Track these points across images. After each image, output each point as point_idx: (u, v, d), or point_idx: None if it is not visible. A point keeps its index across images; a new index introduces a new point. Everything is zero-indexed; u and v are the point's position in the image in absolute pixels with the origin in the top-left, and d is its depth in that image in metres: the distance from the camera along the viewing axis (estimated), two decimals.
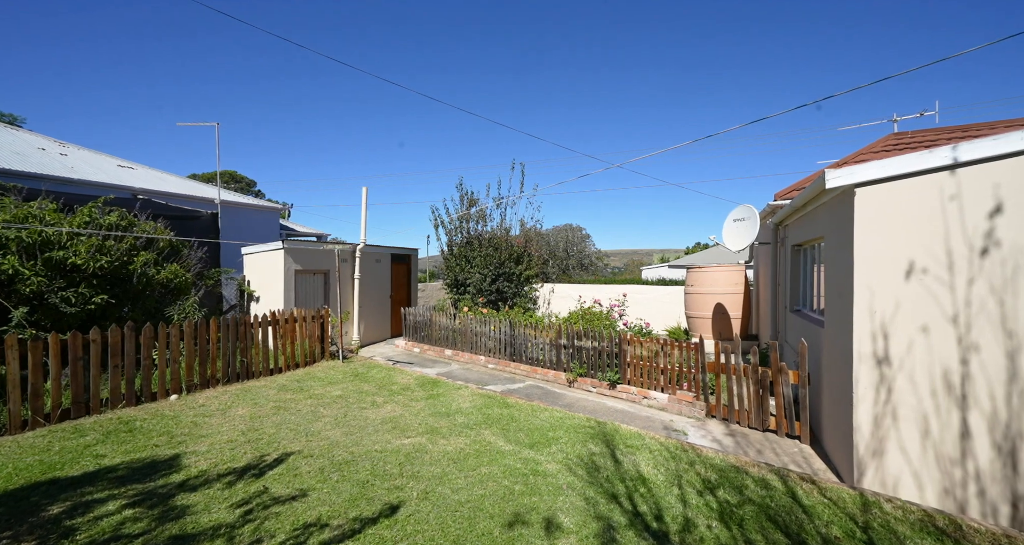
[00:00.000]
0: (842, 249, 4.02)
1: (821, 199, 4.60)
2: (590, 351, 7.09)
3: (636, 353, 6.57)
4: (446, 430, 4.37)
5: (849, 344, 3.78)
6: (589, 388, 6.99)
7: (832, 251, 4.39)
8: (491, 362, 8.57)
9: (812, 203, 5.00)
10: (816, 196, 4.58)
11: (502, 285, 11.95)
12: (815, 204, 4.91)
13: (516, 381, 7.48)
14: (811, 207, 5.11)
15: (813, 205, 5.01)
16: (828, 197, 4.36)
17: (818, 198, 4.67)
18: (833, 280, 4.35)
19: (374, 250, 11.52)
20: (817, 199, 4.72)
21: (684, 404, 5.93)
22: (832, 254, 4.40)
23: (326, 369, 6.95)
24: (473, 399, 5.54)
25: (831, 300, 4.42)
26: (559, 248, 19.60)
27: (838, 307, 4.14)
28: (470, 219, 12.61)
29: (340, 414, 4.82)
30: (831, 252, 4.44)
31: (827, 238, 4.58)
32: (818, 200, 4.71)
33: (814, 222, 5.17)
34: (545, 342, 7.79)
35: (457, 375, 7.78)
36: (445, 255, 12.70)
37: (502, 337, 8.53)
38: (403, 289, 12.93)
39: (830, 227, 4.45)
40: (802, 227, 5.87)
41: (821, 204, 4.71)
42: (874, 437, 3.63)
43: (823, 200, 4.56)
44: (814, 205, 4.97)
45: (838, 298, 4.14)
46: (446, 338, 9.68)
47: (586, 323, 8.18)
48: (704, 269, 10.75)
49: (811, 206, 5.10)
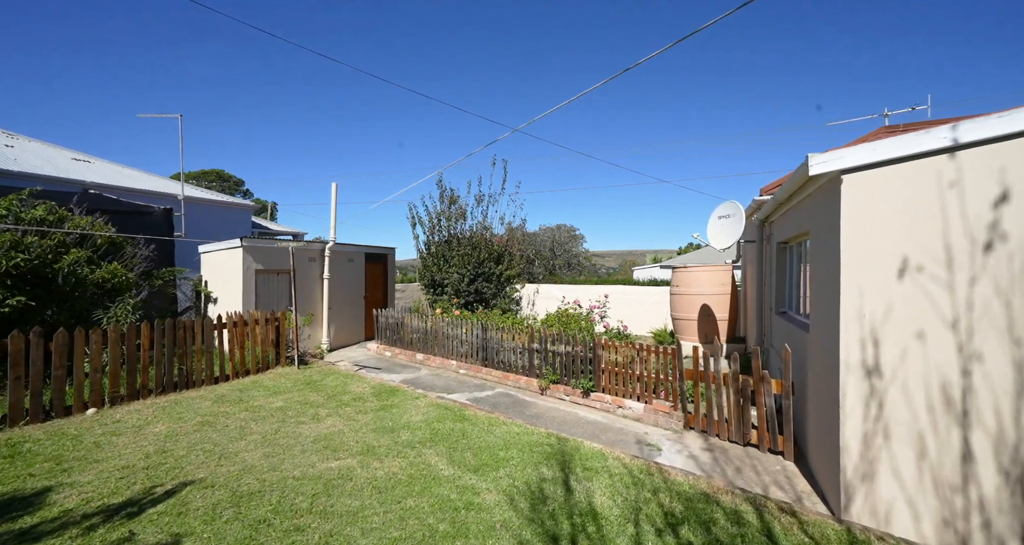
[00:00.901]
0: (828, 245, 3.58)
1: (806, 190, 4.16)
2: (563, 356, 6.62)
3: (611, 359, 6.11)
4: (384, 450, 3.87)
5: (835, 351, 3.33)
6: (562, 396, 6.52)
7: (818, 247, 3.95)
8: (463, 367, 8.09)
9: (797, 195, 4.56)
10: (800, 186, 4.14)
11: (481, 286, 11.46)
12: (800, 196, 4.47)
13: (485, 388, 7.00)
14: (796, 200, 4.67)
15: (798, 197, 4.57)
16: (813, 187, 3.92)
17: (803, 189, 4.23)
18: (819, 280, 3.90)
19: (346, 249, 10.99)
20: (802, 190, 4.28)
21: (661, 414, 5.47)
22: (818, 251, 3.96)
23: (278, 377, 6.44)
24: (428, 411, 5.05)
25: (817, 302, 3.97)
26: (545, 247, 19.13)
27: (824, 310, 3.70)
28: (450, 217, 12.11)
29: (271, 430, 4.30)
30: (816, 249, 4.00)
31: (812, 233, 4.14)
32: (803, 191, 4.27)
33: (799, 216, 4.73)
34: (517, 346, 7.32)
35: (423, 382, 7.28)
36: (422, 254, 12.18)
37: (474, 341, 8.04)
38: (379, 290, 12.41)
39: (815, 221, 4.01)
40: (787, 223, 5.44)
41: (806, 196, 4.27)
42: (864, 459, 3.18)
43: (808, 191, 4.12)
44: (799, 197, 4.53)
45: (824, 300, 3.70)
46: (418, 341, 9.18)
47: (561, 326, 7.72)
48: (689, 269, 10.33)
49: (796, 199, 4.66)
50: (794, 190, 4.33)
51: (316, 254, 9.90)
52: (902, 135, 3.09)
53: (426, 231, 12.26)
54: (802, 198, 4.42)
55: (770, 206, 5.67)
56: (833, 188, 3.42)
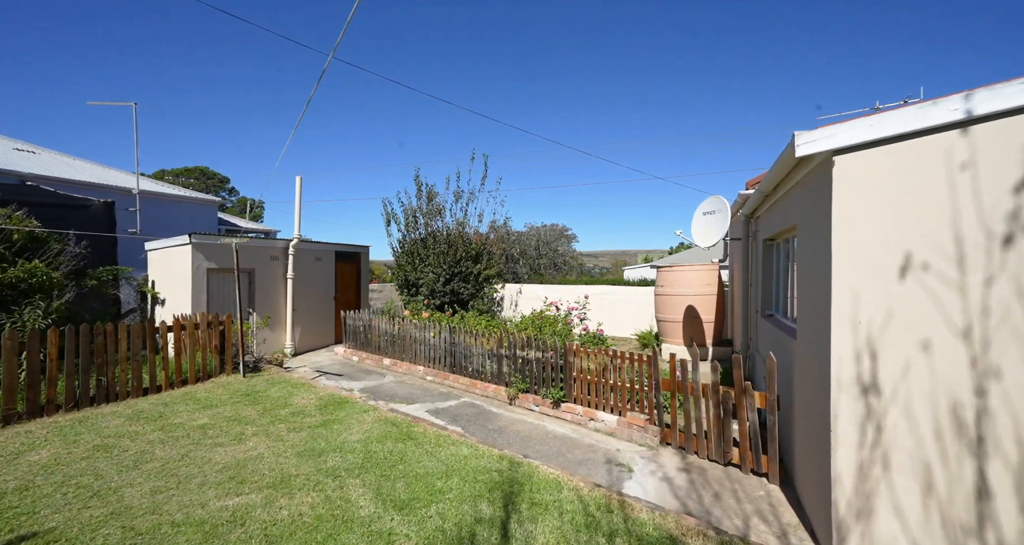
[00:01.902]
0: (817, 240, 3.08)
1: (793, 177, 3.66)
2: (534, 363, 6.10)
3: (583, 366, 5.59)
4: (302, 481, 3.30)
5: (826, 364, 2.83)
6: (531, 406, 6.00)
7: (806, 243, 3.46)
8: (430, 373, 7.54)
9: (783, 184, 4.06)
10: (787, 172, 3.64)
11: (457, 286, 10.90)
12: (786, 186, 3.98)
13: (450, 397, 6.46)
14: (782, 190, 4.18)
15: (785, 187, 4.07)
16: (801, 174, 3.42)
17: (790, 177, 3.74)
18: (806, 280, 3.41)
19: (313, 247, 10.40)
20: (789, 178, 3.78)
21: (635, 429, 4.96)
22: (806, 247, 3.46)
23: (217, 387, 5.84)
24: (372, 428, 4.49)
25: (804, 306, 3.48)
26: (530, 246, 18.60)
27: (812, 315, 3.20)
28: (426, 213, 11.54)
29: (176, 456, 3.70)
30: (804, 245, 3.50)
31: (800, 228, 3.64)
32: (790, 179, 3.77)
33: (785, 210, 4.24)
34: (486, 352, 6.79)
35: (383, 390, 6.73)
36: (396, 253, 11.60)
37: (442, 345, 7.50)
38: (351, 290, 11.82)
39: (803, 213, 3.51)
40: (773, 217, 4.95)
41: (793, 185, 3.78)
42: (859, 493, 2.68)
43: (795, 179, 3.62)
44: (785, 187, 4.03)
45: (812, 303, 3.20)
46: (386, 346, 8.62)
47: (535, 329, 7.20)
48: (674, 268, 9.86)
49: (782, 189, 4.17)
50: (780, 177, 3.83)
51: (279, 252, 9.30)
52: (903, 108, 2.59)
53: (401, 228, 11.68)
54: (789, 188, 3.93)
55: (755, 199, 5.19)
56: (823, 173, 2.92)
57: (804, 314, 3.47)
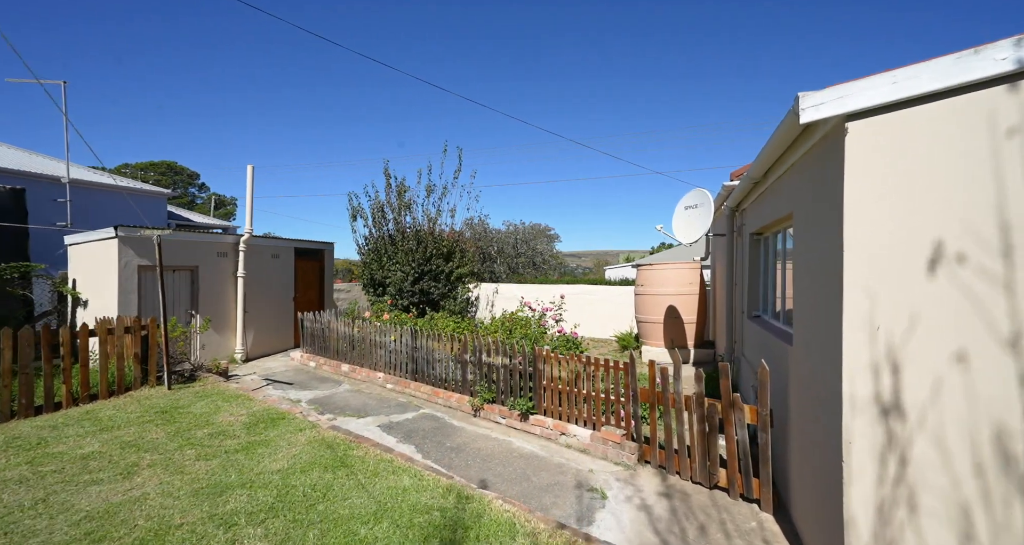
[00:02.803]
0: (822, 229, 2.56)
1: (790, 157, 3.13)
2: (501, 370, 5.50)
3: (554, 374, 5.02)
4: (183, 534, 2.55)
5: (836, 379, 2.31)
6: (497, 418, 5.40)
7: (806, 234, 2.94)
8: (390, 381, 6.89)
9: (778, 167, 3.55)
10: (784, 149, 3.11)
11: (427, 285, 10.24)
12: (781, 169, 3.46)
13: (408, 409, 5.81)
14: (775, 174, 3.67)
15: (779, 171, 3.56)
16: (800, 151, 2.89)
17: (787, 156, 3.21)
18: (807, 278, 2.89)
19: (269, 243, 9.61)
20: (785, 158, 3.26)
21: (611, 445, 4.41)
22: (806, 239, 2.94)
23: (130, 403, 5.04)
24: (303, 451, 3.82)
25: (803, 308, 2.96)
26: (508, 244, 18.00)
27: (815, 318, 2.68)
28: (395, 208, 10.82)
29: (30, 501, 2.88)
30: (804, 237, 2.99)
31: (798, 217, 3.13)
32: (786, 159, 3.25)
33: (778, 197, 3.73)
34: (450, 357, 6.17)
35: (334, 401, 6.04)
36: (361, 250, 10.86)
37: (403, 350, 6.85)
38: (313, 290, 11.05)
39: (802, 198, 3.00)
40: (762, 207, 4.45)
41: (790, 167, 3.26)
42: (879, 539, 2.15)
43: (792, 159, 3.10)
44: (780, 171, 3.52)
45: (814, 305, 2.68)
46: (345, 350, 7.92)
47: (505, 332, 6.61)
48: (654, 267, 9.39)
49: (776, 173, 3.66)
50: (776, 156, 3.31)
51: (228, 248, 8.50)
52: (936, 60, 2.07)
53: (368, 224, 10.93)
54: (783, 171, 3.41)
55: (742, 189, 4.69)
56: (831, 146, 2.39)
57: (803, 317, 2.96)
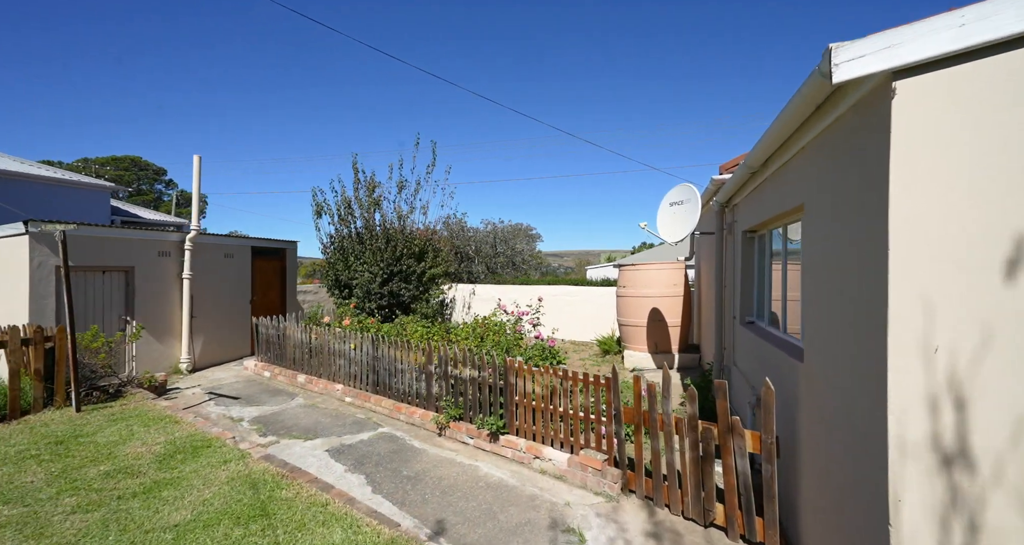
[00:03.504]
0: (852, 223, 2.04)
1: (804, 134, 2.61)
2: (468, 384, 4.91)
3: (527, 389, 4.45)
4: None
5: (877, 416, 1.78)
6: (464, 438, 4.80)
7: (824, 229, 2.42)
8: (349, 393, 6.21)
9: (784, 151, 3.03)
10: (799, 124, 2.58)
11: (397, 287, 9.56)
12: (788, 152, 2.95)
13: (366, 427, 5.17)
14: (780, 160, 3.15)
15: (784, 155, 3.05)
16: (820, 125, 2.37)
17: (800, 133, 2.69)
18: (827, 283, 2.37)
19: (220, 241, 8.79)
20: (798, 136, 2.74)
21: (591, 472, 3.86)
22: (824, 235, 2.43)
23: (19, 431, 4.13)
24: (219, 493, 3.13)
25: (820, 318, 2.45)
26: (486, 244, 17.39)
27: (840, 334, 2.16)
28: (363, 204, 10.10)
29: None
30: (821, 231, 2.47)
31: (812, 207, 2.61)
32: (798, 139, 2.73)
33: (783, 186, 3.23)
34: (414, 368, 5.54)
35: (282, 420, 5.35)
36: (325, 249, 10.11)
37: (363, 359, 6.19)
38: (274, 291, 10.25)
39: (821, 184, 2.48)
40: (760, 201, 3.96)
41: (802, 149, 2.75)
42: None
43: (808, 136, 2.57)
44: (787, 155, 3.00)
45: (840, 317, 2.16)
46: (302, 359, 7.21)
47: (475, 341, 6.01)
48: (638, 267, 8.92)
49: (780, 158, 3.15)
50: (786, 135, 2.78)
51: (171, 247, 7.68)
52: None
53: (334, 221, 10.17)
54: (792, 154, 2.90)
55: (736, 180, 4.20)
56: (871, 112, 1.87)
57: (820, 330, 2.44)
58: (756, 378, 4.11)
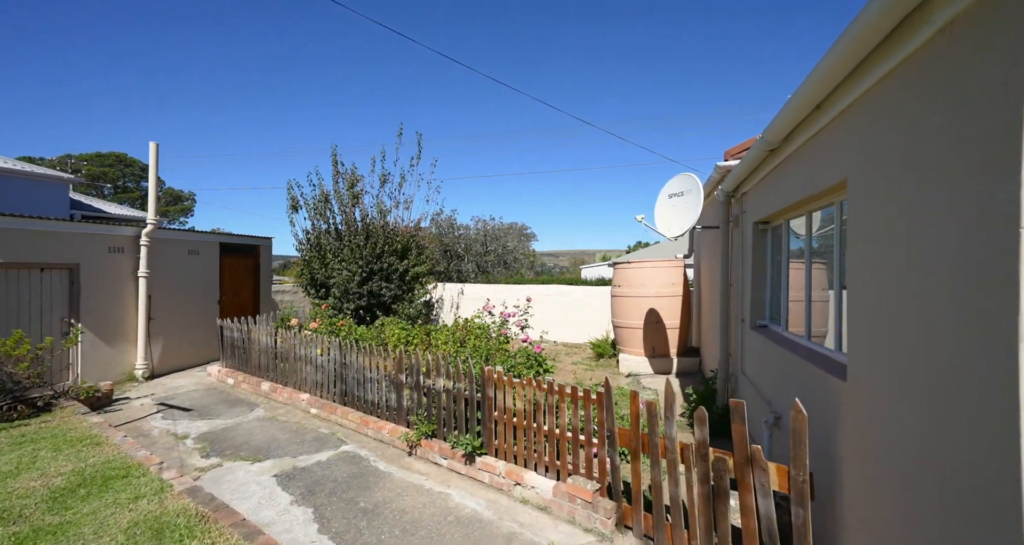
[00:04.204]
0: (940, 191, 1.46)
1: (856, 84, 2.02)
2: (443, 396, 4.31)
3: (507, 404, 3.86)
4: None
5: (1005, 475, 1.20)
6: (437, 458, 4.21)
7: (887, 207, 1.84)
8: (315, 404, 5.60)
9: (817, 117, 2.44)
10: (848, 70, 1.98)
11: (377, 286, 8.94)
12: (824, 117, 2.36)
13: (327, 445, 4.56)
14: (811, 130, 2.57)
15: (817, 123, 2.47)
16: (885, 66, 1.78)
17: (847, 86, 2.10)
18: (890, 277, 1.79)
19: (183, 237, 8.15)
20: (843, 91, 2.14)
21: (580, 504, 3.27)
22: (885, 214, 1.85)
23: None
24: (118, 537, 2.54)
25: (875, 322, 1.87)
26: (476, 242, 16.78)
27: (923, 347, 1.58)
28: (341, 198, 9.45)
29: None
30: (880, 210, 1.89)
31: (862, 181, 2.04)
32: (844, 94, 2.13)
33: (812, 162, 2.65)
34: (384, 377, 4.94)
35: (233, 437, 4.73)
36: (300, 245, 9.45)
37: (331, 366, 5.58)
38: (246, 291, 9.60)
39: (882, 147, 1.90)
40: (779, 185, 3.38)
41: (845, 109, 2.16)
42: None
43: (860, 88, 1.98)
44: (821, 121, 2.42)
45: (912, 327, 1.59)
46: (267, 365, 6.59)
47: (455, 346, 5.41)
48: (633, 265, 8.35)
49: (809, 128, 2.56)
50: (823, 95, 2.19)
51: (125, 242, 7.02)
52: None
53: (311, 216, 9.51)
54: (832, 118, 2.31)
55: (749, 162, 3.62)
56: (992, 22, 1.29)
57: (878, 340, 1.87)
58: (771, 391, 3.55)
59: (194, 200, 49.76)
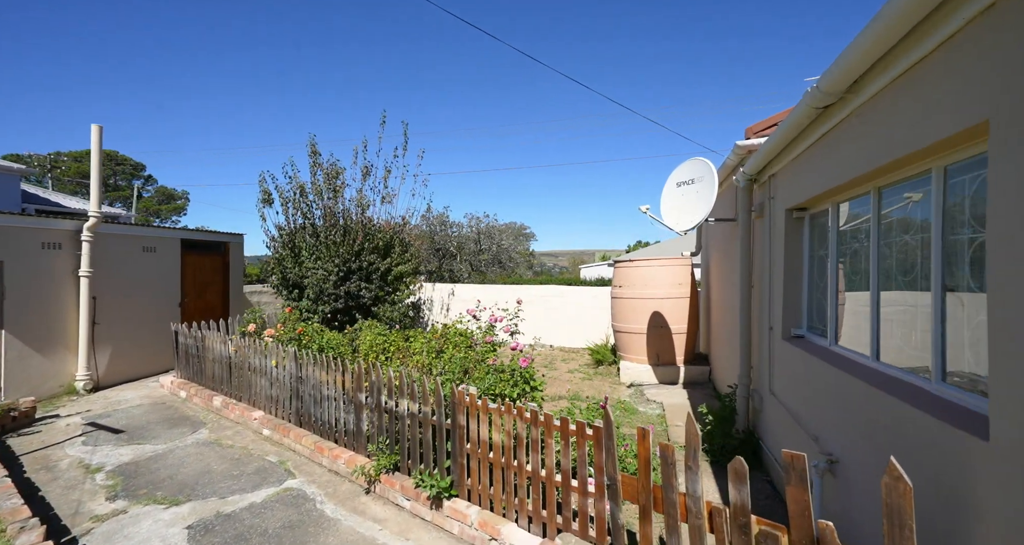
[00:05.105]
0: None
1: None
2: (406, 421, 3.53)
3: (482, 435, 3.07)
4: None
5: None
6: (399, 499, 3.42)
7: None
8: (268, 424, 4.82)
9: (932, 27, 1.65)
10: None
11: (356, 286, 8.15)
12: (945, 28, 1.58)
13: (269, 479, 3.77)
14: (912, 55, 1.77)
15: (933, 37, 1.68)
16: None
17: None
18: None
19: (136, 232, 7.35)
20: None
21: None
22: None
23: None
24: None
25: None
26: (470, 240, 15.98)
27: None
28: (319, 190, 8.66)
29: None
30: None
31: (1016, 123, 1.25)
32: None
33: (905, 110, 1.86)
34: (342, 394, 4.15)
35: (156, 470, 3.94)
36: (273, 242, 8.65)
37: (287, 380, 4.80)
38: (213, 292, 8.81)
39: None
40: (830, 157, 2.60)
41: (978, 15, 1.38)
42: None
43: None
44: (937, 36, 1.63)
45: None
46: (221, 376, 5.81)
47: (430, 356, 4.62)
48: (636, 263, 7.57)
49: (913, 52, 1.77)
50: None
51: (63, 237, 6.22)
52: None
53: (289, 210, 8.69)
54: (958, 27, 1.52)
55: (785, 135, 2.84)
56: None
57: None
58: (817, 421, 2.77)
59: (187, 199, 48.95)
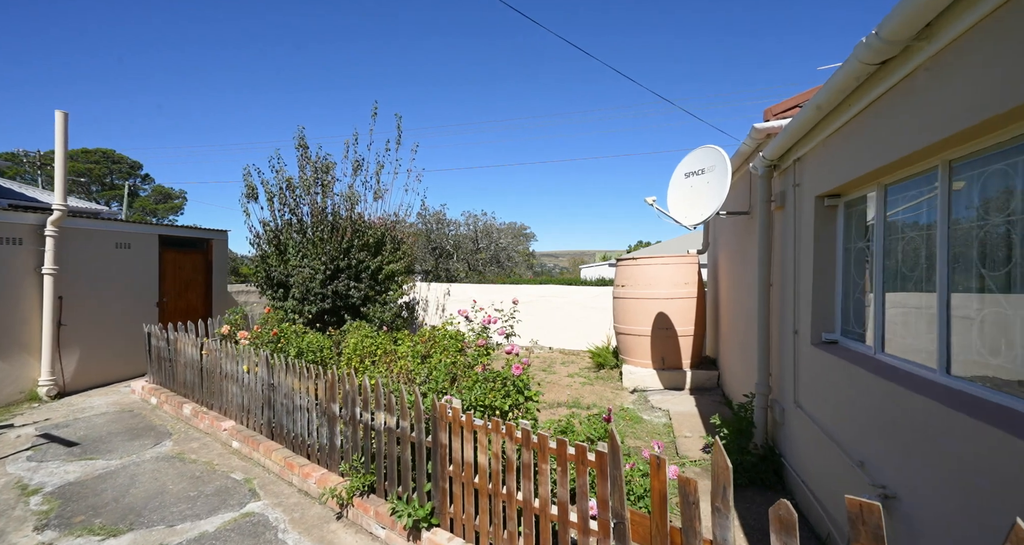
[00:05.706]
0: None
1: None
2: (383, 436, 3.10)
3: (465, 456, 2.64)
4: None
5: None
6: (373, 526, 2.99)
7: None
8: (238, 436, 4.39)
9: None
10: None
11: (344, 286, 7.72)
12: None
13: (230, 501, 3.34)
14: (970, 17, 1.35)
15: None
16: None
17: None
18: None
19: (109, 227, 6.92)
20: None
21: None
22: None
23: None
24: None
25: None
26: (467, 239, 15.58)
27: None
28: (307, 185, 8.23)
29: None
30: None
31: None
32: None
33: (997, 60, 1.43)
34: (314, 405, 3.72)
35: (101, 492, 3.51)
36: (257, 239, 8.22)
37: (258, 388, 4.37)
38: (194, 292, 8.38)
39: None
40: (879, 130, 2.17)
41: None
42: None
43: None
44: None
45: None
46: (193, 382, 5.38)
47: (415, 361, 4.19)
48: (639, 262, 7.14)
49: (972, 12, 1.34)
50: None
51: (24, 232, 5.79)
52: None
53: (272, 205, 8.26)
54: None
55: (827, 97, 2.41)
56: None
57: None
58: (864, 445, 2.34)
59: (185, 198, 48.62)
